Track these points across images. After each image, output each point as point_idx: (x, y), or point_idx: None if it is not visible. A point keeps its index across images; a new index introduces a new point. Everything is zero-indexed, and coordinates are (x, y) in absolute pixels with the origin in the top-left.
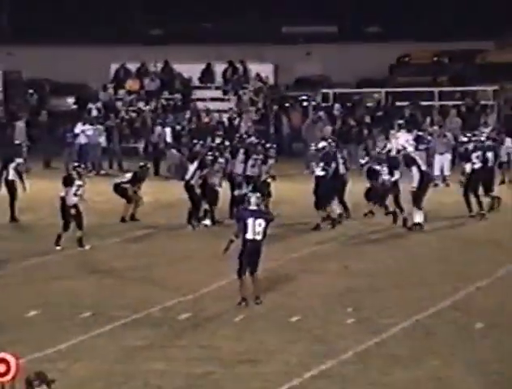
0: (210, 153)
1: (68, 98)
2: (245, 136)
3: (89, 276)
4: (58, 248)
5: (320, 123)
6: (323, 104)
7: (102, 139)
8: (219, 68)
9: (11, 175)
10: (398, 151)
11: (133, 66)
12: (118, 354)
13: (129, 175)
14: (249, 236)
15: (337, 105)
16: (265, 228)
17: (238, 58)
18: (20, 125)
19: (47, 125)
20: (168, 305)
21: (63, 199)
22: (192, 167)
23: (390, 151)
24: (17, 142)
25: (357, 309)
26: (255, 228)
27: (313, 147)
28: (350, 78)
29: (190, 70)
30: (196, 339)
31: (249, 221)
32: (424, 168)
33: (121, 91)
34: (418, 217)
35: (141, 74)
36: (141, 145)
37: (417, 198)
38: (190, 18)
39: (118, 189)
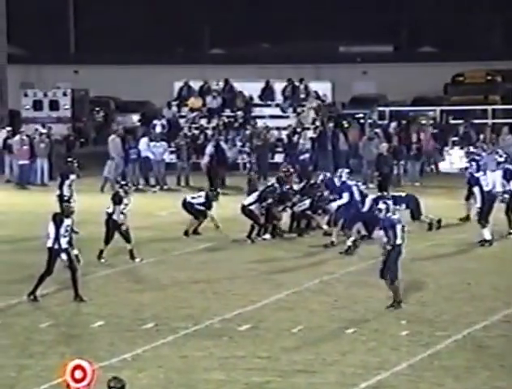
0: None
1: (133, 115)
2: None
3: (152, 288)
4: (102, 261)
5: (376, 140)
6: (379, 122)
7: (166, 155)
8: (278, 86)
9: (65, 191)
10: (466, 169)
11: (196, 85)
12: (180, 364)
13: (202, 197)
14: (398, 241)
15: (393, 124)
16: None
17: (297, 77)
18: (114, 139)
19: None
20: (229, 316)
21: (109, 215)
22: (252, 197)
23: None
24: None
25: (411, 321)
26: (401, 233)
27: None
28: (405, 96)
29: (251, 89)
30: (255, 350)
31: (398, 227)
32: (487, 188)
33: (185, 109)
34: (486, 234)
35: (203, 92)
36: (203, 161)
37: (481, 216)
38: (251, 38)
39: (192, 209)
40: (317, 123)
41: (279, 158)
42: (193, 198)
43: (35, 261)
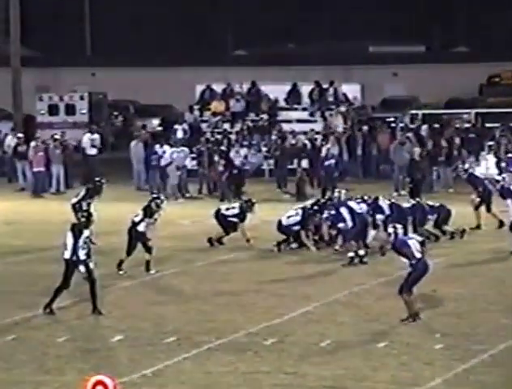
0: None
1: (153, 119)
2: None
3: (173, 300)
4: (121, 272)
5: (408, 145)
6: (411, 126)
7: (188, 161)
8: (305, 89)
9: (84, 205)
10: (497, 181)
11: (218, 87)
12: (203, 380)
13: (236, 208)
14: (417, 255)
15: (424, 126)
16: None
17: (324, 79)
18: (136, 145)
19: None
20: (254, 330)
21: (134, 224)
22: (293, 218)
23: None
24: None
25: (445, 334)
26: (419, 247)
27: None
28: (438, 98)
29: (277, 91)
30: (281, 365)
31: (411, 242)
32: None
33: (207, 113)
34: None
35: (226, 95)
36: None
37: None
38: (276, 39)
39: (225, 221)
40: (346, 127)
41: (304, 164)
42: (227, 209)
43: (51, 272)
